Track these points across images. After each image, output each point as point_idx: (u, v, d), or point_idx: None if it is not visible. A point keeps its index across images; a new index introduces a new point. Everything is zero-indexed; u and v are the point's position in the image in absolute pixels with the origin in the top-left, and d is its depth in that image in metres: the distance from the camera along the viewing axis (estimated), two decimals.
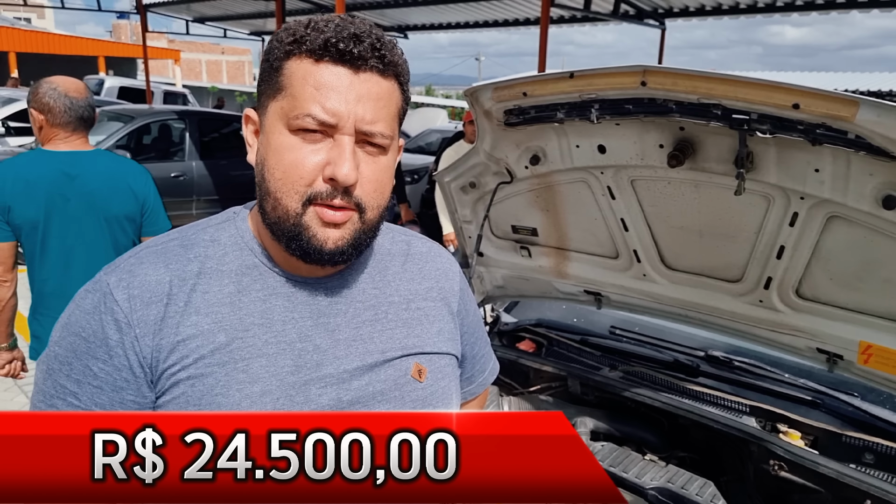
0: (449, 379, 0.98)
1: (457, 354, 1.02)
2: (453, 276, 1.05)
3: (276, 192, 0.82)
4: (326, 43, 0.79)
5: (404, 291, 0.97)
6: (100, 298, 0.82)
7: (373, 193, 0.84)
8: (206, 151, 7.72)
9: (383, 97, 0.82)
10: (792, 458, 1.73)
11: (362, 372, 0.88)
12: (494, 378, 1.19)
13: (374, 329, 0.91)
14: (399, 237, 1.03)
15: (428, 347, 0.95)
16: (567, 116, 1.72)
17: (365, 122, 0.80)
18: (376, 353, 0.90)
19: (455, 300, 1.03)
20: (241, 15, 13.69)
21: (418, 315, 0.96)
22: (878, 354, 1.69)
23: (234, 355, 0.82)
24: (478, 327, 1.12)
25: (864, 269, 1.63)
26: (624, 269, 2.11)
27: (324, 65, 0.80)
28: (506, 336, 2.64)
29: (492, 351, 1.20)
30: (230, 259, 0.88)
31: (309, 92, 0.79)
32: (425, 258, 1.03)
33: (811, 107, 1.28)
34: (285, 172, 0.81)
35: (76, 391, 0.81)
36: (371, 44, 0.80)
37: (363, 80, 0.80)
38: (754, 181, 1.61)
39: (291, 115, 0.80)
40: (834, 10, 8.46)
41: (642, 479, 1.88)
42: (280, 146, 0.81)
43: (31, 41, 22.75)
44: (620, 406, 2.13)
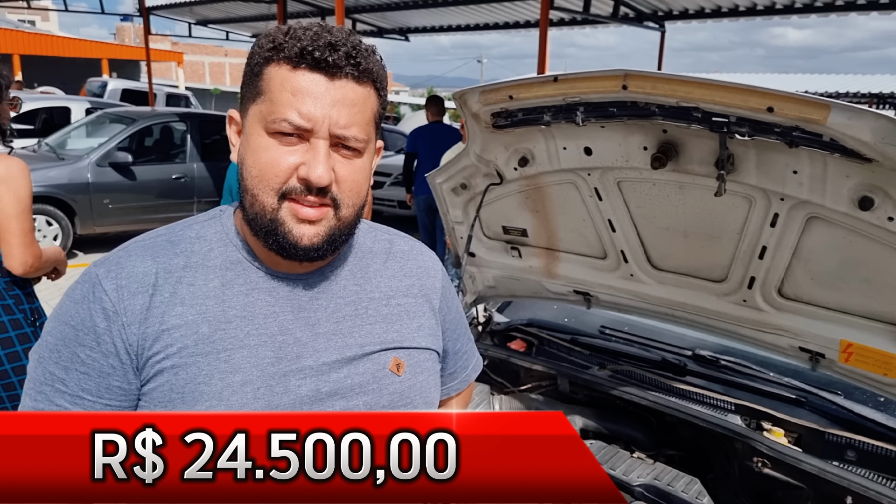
0: (428, 373, 1.01)
1: (437, 350, 1.04)
2: (435, 274, 1.08)
3: (252, 188, 0.86)
4: (303, 51, 0.83)
5: (385, 288, 1.00)
6: (89, 288, 0.86)
7: (349, 192, 0.88)
8: (206, 153, 7.77)
9: (358, 103, 0.86)
10: (776, 455, 1.76)
11: (341, 365, 0.91)
12: (478, 374, 1.22)
13: (354, 324, 0.94)
14: (382, 236, 1.07)
15: (407, 342, 0.98)
16: (553, 119, 1.75)
17: (339, 127, 0.84)
18: (355, 346, 0.93)
19: (437, 297, 1.06)
20: (243, 18, 13.73)
21: (398, 311, 0.99)
22: (858, 353, 1.71)
23: (216, 346, 0.86)
24: (460, 324, 1.15)
25: (843, 269, 1.66)
26: (612, 269, 2.14)
27: (300, 72, 0.83)
28: (497, 335, 2.67)
29: (475, 348, 1.22)
30: (215, 254, 0.91)
31: (286, 97, 0.83)
32: (407, 256, 1.06)
33: (784, 110, 1.31)
34: (261, 170, 0.85)
35: (63, 377, 0.84)
36: (346, 52, 0.84)
37: (338, 86, 0.84)
38: (735, 182, 1.64)
39: (269, 118, 0.84)
40: (832, 12, 8.47)
41: (630, 477, 1.91)
42: (258, 147, 0.85)
43: (35, 43, 22.85)
44: (609, 404, 2.16)
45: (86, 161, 6.94)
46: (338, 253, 0.96)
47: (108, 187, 7.00)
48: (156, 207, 7.35)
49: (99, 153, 7.02)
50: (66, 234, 6.79)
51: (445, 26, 12.85)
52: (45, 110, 10.61)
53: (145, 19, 12.81)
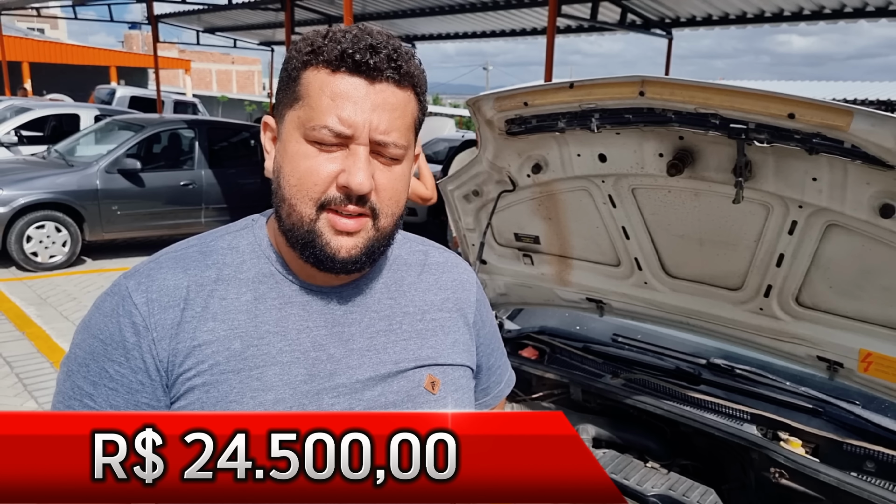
0: (463, 391, 0.98)
1: (472, 366, 1.01)
2: (470, 287, 1.04)
3: (290, 198, 0.83)
4: (343, 54, 0.80)
5: (419, 302, 0.97)
6: (118, 302, 0.84)
7: (388, 201, 0.85)
8: (214, 160, 7.80)
9: (399, 107, 0.83)
10: (793, 465, 1.74)
11: (375, 382, 0.89)
12: (511, 389, 1.18)
13: (388, 339, 0.91)
14: (416, 247, 1.03)
15: (442, 359, 0.95)
16: (568, 126, 1.74)
17: (379, 132, 0.81)
18: (389, 363, 0.90)
19: (471, 311, 1.02)
20: (250, 25, 13.82)
21: (433, 326, 0.96)
22: (877, 362, 1.69)
23: (248, 363, 0.83)
24: (494, 338, 1.11)
25: (863, 278, 1.64)
26: (625, 276, 2.13)
27: (340, 75, 0.80)
28: (509, 343, 2.65)
29: (508, 362, 1.18)
30: (248, 267, 0.89)
31: (325, 102, 0.80)
32: (442, 269, 1.02)
33: (806, 116, 1.30)
34: (300, 179, 0.82)
35: (92, 392, 0.82)
36: (387, 55, 0.81)
37: (379, 90, 0.81)
38: (753, 190, 1.63)
39: (308, 125, 0.81)
40: (841, 19, 8.46)
41: (644, 487, 1.89)
42: (296, 154, 0.82)
43: (44, 51, 23.01)
44: (622, 413, 2.14)
45: (95, 168, 6.97)
46: (374, 265, 0.93)
47: (116, 194, 7.02)
48: (164, 214, 7.38)
49: (108, 160, 7.05)
50: (75, 240, 6.81)
51: (452, 34, 12.89)
52: (55, 117, 10.68)
53: (154, 27, 12.91)
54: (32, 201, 6.52)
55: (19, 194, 6.48)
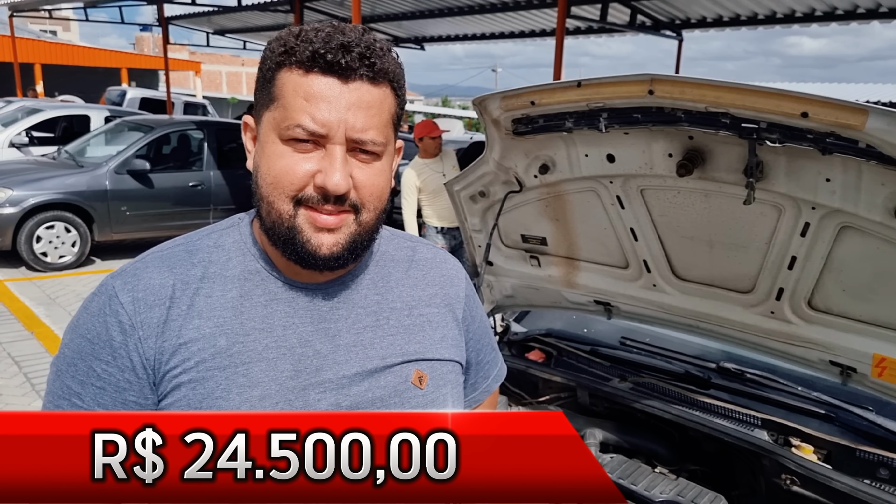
0: (451, 386, 0.97)
1: (461, 361, 1.01)
2: (458, 283, 1.04)
3: (268, 195, 0.84)
4: (315, 54, 0.80)
5: (407, 298, 0.97)
6: (105, 301, 0.84)
7: (369, 196, 0.85)
8: (223, 161, 7.83)
9: (374, 105, 0.83)
10: (805, 472, 1.70)
11: (362, 378, 0.89)
12: (499, 383, 1.18)
13: (375, 335, 0.92)
14: (404, 244, 1.03)
15: (429, 354, 0.95)
16: (575, 125, 1.71)
17: (356, 131, 0.81)
18: (376, 358, 0.90)
19: (460, 307, 1.03)
20: (260, 27, 13.86)
21: (420, 321, 0.96)
22: (892, 367, 1.66)
23: (234, 359, 0.84)
24: (485, 334, 1.11)
25: (877, 281, 1.61)
26: (634, 279, 2.10)
27: (313, 76, 0.81)
28: (515, 346, 2.63)
29: (499, 356, 1.18)
30: (233, 264, 0.89)
31: (299, 103, 0.80)
32: (430, 264, 1.03)
33: (820, 115, 1.27)
34: (276, 177, 0.83)
35: (80, 392, 0.82)
36: (360, 53, 0.81)
37: (353, 89, 0.81)
38: (764, 191, 1.60)
39: (283, 125, 0.82)
40: (854, 20, 8.37)
41: (652, 492, 1.86)
42: (272, 154, 0.83)
43: (56, 53, 23.22)
44: (630, 417, 2.11)
45: (104, 168, 7.00)
46: (359, 260, 0.93)
47: (126, 195, 7.05)
48: (173, 215, 7.40)
49: (117, 161, 7.08)
50: (84, 240, 6.85)
51: (461, 35, 12.89)
52: (65, 118, 10.76)
53: (164, 29, 12.98)
54: (42, 202, 6.55)
55: (29, 194, 6.52)
